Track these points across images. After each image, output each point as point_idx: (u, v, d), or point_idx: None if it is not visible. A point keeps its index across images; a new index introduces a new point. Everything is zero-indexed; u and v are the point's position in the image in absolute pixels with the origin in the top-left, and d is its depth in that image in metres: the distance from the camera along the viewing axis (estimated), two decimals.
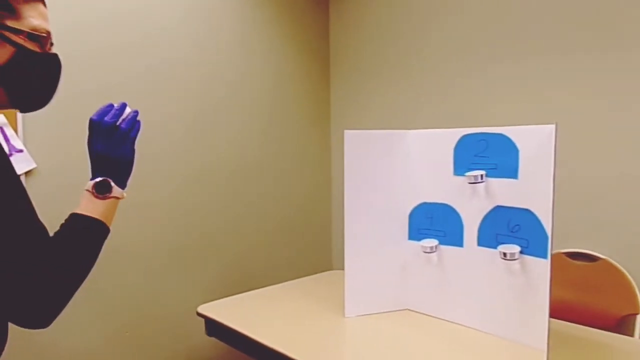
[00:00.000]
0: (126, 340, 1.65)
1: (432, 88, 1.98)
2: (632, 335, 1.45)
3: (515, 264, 1.11)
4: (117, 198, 0.81)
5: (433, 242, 1.28)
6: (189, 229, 1.81)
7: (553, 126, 0.95)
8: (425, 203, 1.31)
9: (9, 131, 1.28)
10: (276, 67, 2.10)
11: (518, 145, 1.11)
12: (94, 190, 0.78)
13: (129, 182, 0.87)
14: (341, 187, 2.28)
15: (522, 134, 1.11)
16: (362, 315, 1.32)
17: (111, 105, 0.83)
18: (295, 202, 2.22)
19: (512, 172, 1.13)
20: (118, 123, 0.82)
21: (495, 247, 1.16)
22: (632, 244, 1.52)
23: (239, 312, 1.38)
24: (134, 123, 0.86)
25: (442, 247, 1.28)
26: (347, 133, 1.28)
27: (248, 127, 2.00)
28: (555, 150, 0.93)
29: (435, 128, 1.31)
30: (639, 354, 1.09)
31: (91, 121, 0.80)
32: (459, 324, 1.24)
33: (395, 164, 1.33)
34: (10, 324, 0.72)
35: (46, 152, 1.39)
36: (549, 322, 0.93)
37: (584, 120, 1.58)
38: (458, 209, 1.24)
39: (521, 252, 1.11)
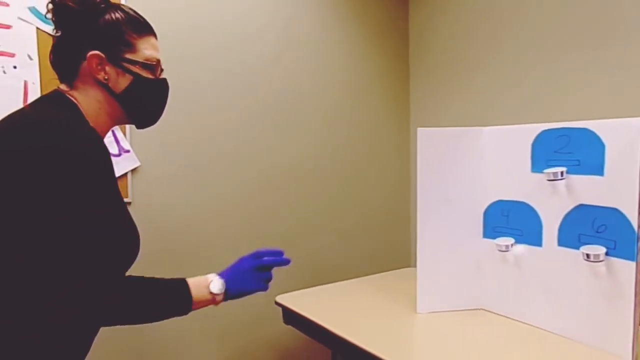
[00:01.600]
0: (208, 325, 1.79)
1: (511, 84, 1.89)
2: None
3: (601, 266, 1.05)
4: (215, 301, 0.91)
5: (509, 240, 1.24)
6: (267, 225, 1.91)
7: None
8: (500, 201, 1.28)
9: (119, 134, 1.46)
10: (356, 68, 2.14)
11: (604, 139, 1.05)
12: (218, 293, 0.90)
13: (207, 181, 0.98)
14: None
15: (608, 127, 1.04)
16: (435, 312, 1.32)
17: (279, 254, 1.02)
18: (374, 200, 2.25)
19: (597, 168, 1.06)
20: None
21: (577, 248, 1.10)
22: None
23: (313, 303, 1.45)
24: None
25: (519, 246, 1.23)
26: (420, 131, 1.29)
27: (327, 126, 2.07)
28: None
29: (515, 124, 1.27)
30: None
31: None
32: (536, 327, 1.19)
33: (470, 161, 1.31)
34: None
35: (149, 151, 1.56)
36: (637, 329, 0.87)
37: None
38: (536, 207, 1.19)
39: (607, 254, 1.04)
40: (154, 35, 0.88)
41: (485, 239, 1.31)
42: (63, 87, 0.84)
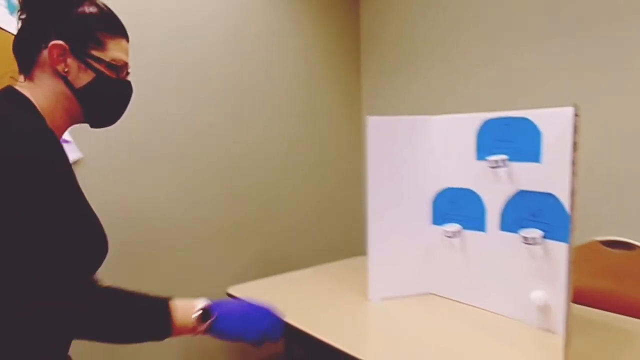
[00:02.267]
0: None
1: (461, 74, 1.96)
2: None
3: (537, 249, 1.11)
4: (196, 331, 0.78)
5: (455, 226, 1.29)
6: (218, 216, 1.88)
7: (572, 108, 0.93)
8: (448, 188, 1.32)
9: None
10: (307, 56, 2.14)
11: (540, 128, 1.10)
12: (199, 317, 0.77)
13: (156, 172, 0.91)
14: None
15: (544, 117, 1.10)
16: (386, 298, 1.35)
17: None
18: (328, 190, 2.27)
19: (534, 156, 1.12)
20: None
21: (517, 232, 1.15)
22: None
23: (266, 293, 1.44)
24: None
25: (465, 231, 1.28)
26: (370, 119, 1.30)
27: (279, 117, 2.05)
28: (574, 133, 0.91)
29: (464, 113, 1.31)
30: None
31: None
32: (481, 308, 1.25)
33: (419, 150, 1.34)
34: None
35: (93, 143, 1.49)
36: (569, 306, 0.92)
37: (615, 104, 1.52)
38: (480, 194, 1.24)
39: (543, 237, 1.10)
40: (127, 39, 0.87)
41: (433, 225, 1.35)
42: (20, 79, 0.80)
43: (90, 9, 0.80)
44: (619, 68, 1.52)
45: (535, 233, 1.09)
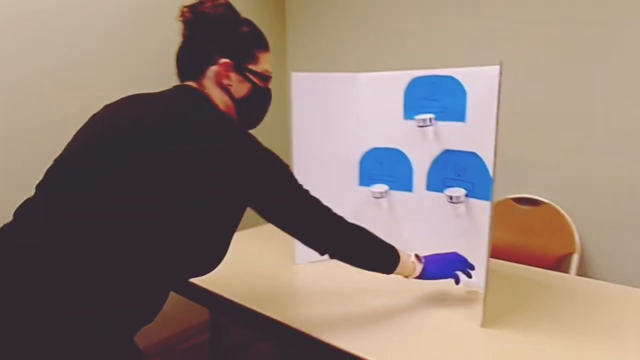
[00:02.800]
0: None
1: (390, 30, 1.92)
2: (568, 272, 1.54)
3: (461, 207, 1.13)
4: (414, 273, 1.00)
5: (383, 187, 1.28)
6: None
7: (497, 67, 0.93)
8: (375, 148, 1.30)
9: None
10: None
11: (466, 87, 1.10)
12: (416, 259, 0.99)
13: None
14: None
15: (470, 75, 1.09)
16: (312, 262, 1.32)
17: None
18: None
19: (460, 115, 1.12)
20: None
21: (442, 191, 1.16)
22: (573, 189, 1.58)
23: None
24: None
25: (392, 192, 1.27)
26: (294, 75, 1.23)
27: None
28: (499, 91, 0.91)
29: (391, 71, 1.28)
30: (572, 287, 1.14)
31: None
32: None
33: (346, 108, 1.29)
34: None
35: None
36: (489, 262, 0.95)
37: (531, 64, 1.59)
38: (408, 154, 1.23)
39: (466, 195, 1.12)
40: (270, 51, 0.96)
41: (361, 186, 1.33)
42: (191, 83, 0.90)
43: (247, 28, 0.92)
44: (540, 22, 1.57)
45: (459, 192, 1.11)
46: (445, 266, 1.02)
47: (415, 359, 0.83)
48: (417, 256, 0.99)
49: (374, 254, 0.96)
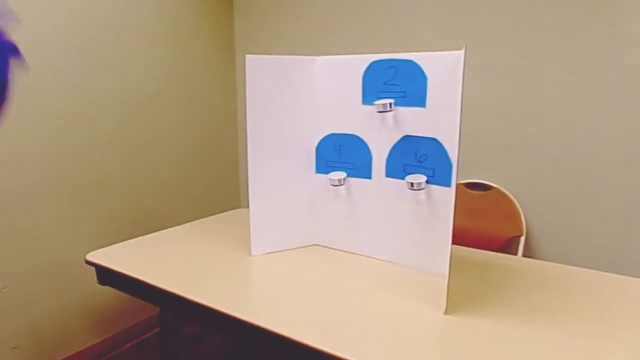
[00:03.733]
0: (5, 296, 1.46)
1: (344, 13, 1.88)
2: (516, 254, 1.59)
3: (422, 194, 1.12)
4: None
5: (341, 174, 1.25)
6: (83, 168, 1.60)
7: (462, 52, 0.91)
8: (333, 134, 1.26)
9: None
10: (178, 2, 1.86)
11: (427, 72, 1.08)
12: None
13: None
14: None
15: (430, 60, 1.07)
16: (269, 253, 1.28)
17: None
18: (199, 137, 2.06)
19: (420, 100, 1.10)
20: None
21: (403, 178, 1.15)
22: (521, 174, 1.63)
23: (134, 257, 1.26)
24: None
25: (351, 179, 1.25)
26: (249, 57, 1.15)
27: (144, 56, 1.76)
28: (463, 77, 0.90)
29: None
30: (521, 269, 1.18)
31: None
32: (367, 256, 1.25)
33: (302, 93, 1.24)
34: None
35: None
36: (452, 248, 0.95)
37: (488, 47, 1.61)
38: (366, 140, 1.20)
39: (427, 182, 1.11)
40: None
41: (317, 174, 1.29)
42: None
43: None
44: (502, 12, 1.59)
45: (420, 178, 1.10)
46: None
47: (379, 348, 0.81)
48: None
49: None
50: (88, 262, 1.26)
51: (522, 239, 1.62)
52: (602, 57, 1.43)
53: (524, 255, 1.61)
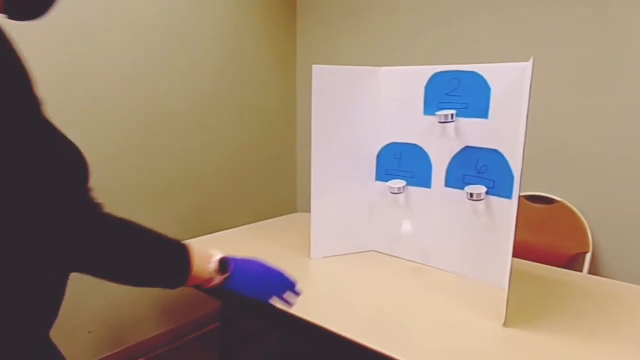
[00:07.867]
0: (84, 286, 1.59)
1: (406, 24, 1.90)
2: (581, 271, 1.53)
3: (481, 204, 1.12)
4: (210, 283, 0.71)
5: (400, 182, 1.27)
6: (150, 172, 1.72)
7: (529, 63, 0.91)
8: (393, 143, 1.28)
9: None
10: (241, 12, 1.96)
11: (490, 83, 1.08)
12: (217, 266, 0.71)
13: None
14: (306, 126, 2.23)
15: (495, 71, 1.07)
16: (328, 256, 1.32)
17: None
18: (260, 143, 2.15)
19: (482, 111, 1.10)
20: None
21: (462, 188, 1.15)
22: (587, 187, 1.57)
23: None
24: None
25: (410, 188, 1.26)
26: (316, 67, 1.21)
27: (208, 64, 1.88)
28: (530, 87, 0.90)
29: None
30: (585, 286, 1.14)
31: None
32: (424, 265, 1.26)
33: (365, 102, 1.28)
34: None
35: None
36: (512, 261, 0.94)
37: (549, 62, 1.57)
38: (427, 150, 1.22)
39: (487, 193, 1.11)
40: None
41: (377, 181, 1.32)
42: None
43: None
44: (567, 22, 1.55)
45: (480, 189, 1.10)
46: (260, 285, 0.80)
47: (435, 356, 0.82)
48: (222, 261, 0.74)
49: (146, 256, 0.63)
50: None
51: (588, 255, 1.55)
52: None
53: (590, 273, 1.54)
